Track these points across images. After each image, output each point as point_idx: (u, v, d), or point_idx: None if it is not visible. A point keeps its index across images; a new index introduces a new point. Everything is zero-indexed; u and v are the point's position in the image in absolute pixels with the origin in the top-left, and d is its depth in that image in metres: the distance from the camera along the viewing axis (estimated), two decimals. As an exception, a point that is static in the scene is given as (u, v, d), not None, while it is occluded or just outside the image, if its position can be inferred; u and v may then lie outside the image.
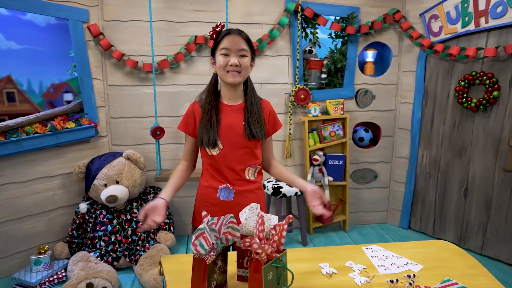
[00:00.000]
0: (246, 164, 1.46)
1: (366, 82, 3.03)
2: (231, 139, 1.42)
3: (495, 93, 2.47)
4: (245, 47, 1.36)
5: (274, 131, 1.53)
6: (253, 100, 1.44)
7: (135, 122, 2.76)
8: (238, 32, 1.37)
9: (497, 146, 2.55)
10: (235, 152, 1.42)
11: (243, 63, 1.36)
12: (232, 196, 1.45)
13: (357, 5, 2.86)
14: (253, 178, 1.49)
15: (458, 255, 1.38)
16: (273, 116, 1.51)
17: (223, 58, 1.35)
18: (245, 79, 1.42)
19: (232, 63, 1.33)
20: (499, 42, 2.44)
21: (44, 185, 2.45)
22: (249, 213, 1.09)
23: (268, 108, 1.50)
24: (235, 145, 1.42)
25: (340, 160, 2.96)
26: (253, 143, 1.43)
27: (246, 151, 1.44)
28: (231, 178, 1.45)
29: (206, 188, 1.50)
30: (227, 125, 1.42)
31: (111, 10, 2.58)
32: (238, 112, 1.44)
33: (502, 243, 2.59)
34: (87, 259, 2.32)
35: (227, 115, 1.43)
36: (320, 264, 1.27)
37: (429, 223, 3.04)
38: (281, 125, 1.56)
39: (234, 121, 1.42)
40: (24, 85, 2.63)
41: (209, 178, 1.49)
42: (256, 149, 1.47)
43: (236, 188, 1.45)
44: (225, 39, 1.36)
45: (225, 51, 1.35)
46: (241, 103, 1.45)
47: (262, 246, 0.92)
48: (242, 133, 1.41)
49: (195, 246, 0.96)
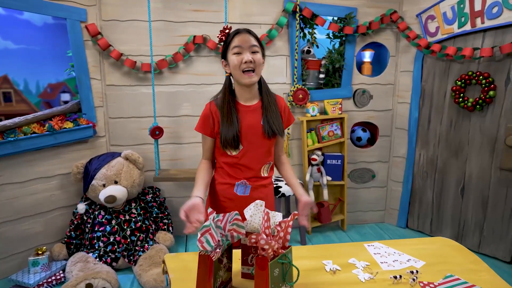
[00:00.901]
0: (264, 162, 1.51)
1: (363, 82, 3.05)
2: (251, 139, 1.44)
3: (491, 92, 2.50)
4: (256, 43, 1.39)
5: (288, 125, 1.57)
6: (269, 98, 1.47)
7: (133, 122, 2.75)
8: (247, 31, 1.40)
9: (493, 145, 2.57)
10: (255, 152, 1.46)
11: (257, 59, 1.38)
12: (248, 191, 1.50)
13: (354, 5, 2.88)
14: (266, 175, 1.54)
15: (459, 251, 1.39)
16: (287, 111, 1.55)
17: (237, 56, 1.37)
18: (259, 77, 1.44)
19: (246, 60, 1.35)
20: (495, 42, 2.47)
21: (42, 185, 2.43)
22: (254, 210, 1.09)
23: (283, 103, 1.53)
24: (255, 145, 1.45)
25: (338, 159, 2.97)
26: (272, 141, 1.48)
27: (264, 150, 1.48)
28: (248, 176, 1.49)
29: (223, 184, 1.53)
30: (246, 125, 1.44)
31: (109, 10, 2.57)
32: (256, 112, 1.46)
33: (498, 241, 2.62)
34: (86, 260, 2.30)
35: (246, 115, 1.45)
36: (324, 261, 1.28)
37: (426, 222, 3.06)
38: (294, 119, 1.61)
39: (253, 121, 1.45)
40: (21, 85, 2.61)
41: (226, 176, 1.52)
42: (272, 146, 1.52)
43: (252, 184, 1.50)
44: (235, 38, 1.38)
45: (238, 49, 1.37)
46: (257, 103, 1.47)
47: (269, 242, 0.93)
48: (262, 133, 1.44)
49: (201, 242, 0.96)
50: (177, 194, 2.93)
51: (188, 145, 2.83)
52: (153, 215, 2.71)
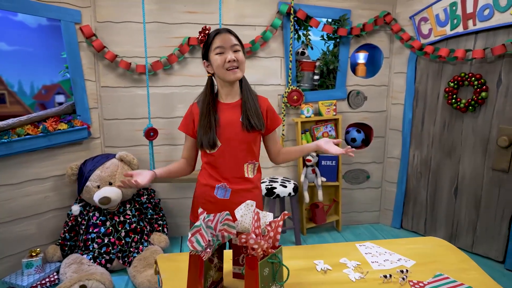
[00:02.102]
0: (244, 160, 1.49)
1: (358, 84, 3.07)
2: (229, 135, 1.45)
3: (483, 93, 2.53)
4: (237, 42, 1.42)
5: (275, 126, 1.57)
6: (248, 94, 1.48)
7: (128, 124, 2.75)
8: (227, 30, 1.43)
9: (485, 145, 2.60)
10: (233, 149, 1.46)
11: (239, 57, 1.40)
12: (228, 194, 1.49)
13: (348, 7, 2.90)
14: (251, 176, 1.52)
15: (450, 250, 1.41)
16: (271, 112, 1.54)
17: (220, 56, 1.39)
18: (243, 74, 1.46)
19: (230, 59, 1.37)
20: (486, 44, 2.50)
21: (36, 187, 2.42)
22: (244, 210, 1.10)
23: (265, 104, 1.53)
24: (234, 141, 1.45)
25: (333, 160, 2.99)
26: (252, 136, 1.47)
27: (244, 147, 1.47)
28: (230, 176, 1.48)
29: (204, 186, 1.53)
30: (225, 122, 1.46)
31: (104, 11, 2.58)
32: (235, 108, 1.47)
33: (491, 241, 2.64)
34: (80, 262, 2.30)
35: (225, 112, 1.47)
36: (315, 261, 1.29)
37: (420, 222, 3.08)
38: (281, 120, 1.61)
39: (232, 117, 1.46)
40: (15, 87, 2.60)
41: (207, 177, 1.52)
42: (254, 144, 1.50)
43: (233, 187, 1.48)
44: (216, 39, 1.40)
45: (220, 50, 1.39)
46: (238, 100, 1.49)
47: (258, 242, 0.93)
48: (240, 128, 1.44)
49: (192, 242, 0.97)
50: (172, 196, 2.93)
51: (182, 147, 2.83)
52: (148, 217, 2.71)
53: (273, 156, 1.63)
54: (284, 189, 2.69)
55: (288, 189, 2.70)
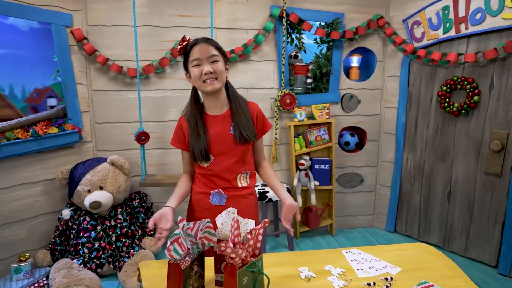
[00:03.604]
0: (237, 172, 1.47)
1: (351, 87, 3.06)
2: (221, 149, 1.43)
3: (475, 97, 2.52)
4: (215, 53, 1.36)
5: (264, 132, 1.52)
6: (237, 104, 1.44)
7: (120, 127, 2.74)
8: (205, 40, 1.38)
9: (478, 149, 2.59)
10: (226, 162, 1.44)
11: (217, 69, 1.36)
12: (224, 201, 1.48)
13: (341, 11, 2.89)
14: (245, 185, 1.50)
15: (437, 257, 1.39)
16: (261, 118, 1.50)
17: (197, 68, 1.36)
18: (224, 84, 1.42)
19: (206, 71, 1.34)
20: (478, 48, 2.49)
21: (26, 191, 2.40)
22: (225, 217, 1.09)
23: (255, 110, 1.49)
24: (226, 155, 1.43)
25: (326, 164, 2.98)
26: (244, 148, 1.44)
27: (236, 160, 1.44)
28: (223, 186, 1.47)
29: (199, 194, 1.52)
30: (215, 137, 1.42)
31: (95, 15, 2.57)
32: (225, 121, 1.43)
33: (484, 245, 2.63)
34: (70, 267, 2.28)
35: (214, 126, 1.44)
36: (299, 268, 1.28)
37: (414, 226, 3.07)
38: (271, 125, 1.54)
39: (222, 131, 1.42)
40: (6, 90, 2.59)
41: (202, 185, 1.51)
42: (246, 155, 1.47)
43: (228, 193, 1.47)
44: (193, 50, 1.36)
45: (197, 62, 1.35)
46: (226, 111, 1.45)
47: (235, 251, 0.92)
48: (232, 142, 1.41)
49: (169, 251, 0.96)
50: (165, 199, 2.89)
51: (174, 150, 2.82)
52: (140, 221, 2.69)
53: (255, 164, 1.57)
54: (277, 193, 2.68)
55: (281, 193, 2.68)
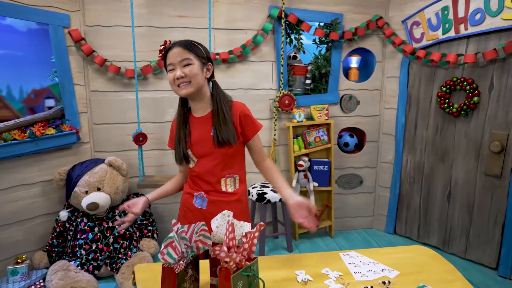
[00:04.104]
0: (220, 175, 1.44)
1: (350, 88, 3.04)
2: (203, 151, 1.42)
3: (475, 98, 2.50)
4: (187, 56, 1.33)
5: (254, 132, 1.46)
6: (219, 106, 1.39)
7: (118, 128, 2.73)
8: (179, 44, 1.35)
9: (478, 150, 2.57)
10: (207, 165, 1.43)
11: (189, 72, 1.33)
12: (205, 204, 1.46)
13: (340, 11, 2.88)
14: (231, 190, 1.46)
15: (435, 260, 1.38)
16: (245, 118, 1.43)
17: (170, 73, 1.36)
18: (199, 88, 1.37)
19: (177, 76, 1.33)
20: (478, 49, 2.48)
21: (23, 192, 2.39)
22: (220, 220, 1.07)
23: (239, 110, 1.42)
24: (207, 158, 1.42)
25: (325, 165, 2.96)
26: (225, 150, 1.40)
27: (218, 162, 1.42)
28: (206, 189, 1.47)
29: (186, 194, 1.53)
30: (197, 138, 1.42)
31: (93, 15, 2.56)
32: (207, 121, 1.42)
33: (484, 247, 2.61)
34: (67, 268, 2.27)
35: (197, 127, 1.44)
36: (296, 272, 1.26)
37: (414, 227, 3.05)
38: (260, 125, 1.48)
39: (204, 132, 1.41)
40: (4, 91, 2.58)
41: (190, 185, 1.52)
42: (231, 158, 1.43)
43: (209, 197, 1.45)
44: (168, 54, 1.37)
45: (171, 67, 1.36)
46: (209, 112, 1.43)
47: (229, 255, 0.91)
48: (212, 144, 1.39)
49: (163, 255, 0.94)
50: (162, 201, 2.90)
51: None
52: (138, 222, 2.68)
53: (256, 165, 1.53)
54: (275, 194, 2.67)
55: (279, 195, 2.67)
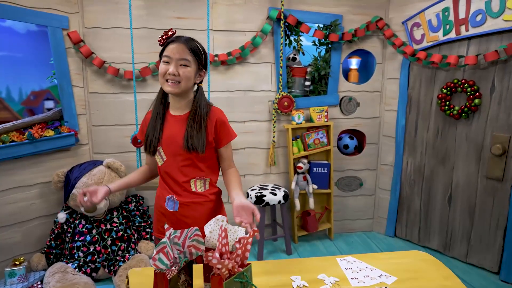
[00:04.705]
0: (190, 176, 1.41)
1: (350, 90, 3.02)
2: (172, 150, 1.39)
3: (476, 100, 2.48)
4: (187, 57, 1.31)
5: (227, 141, 1.43)
6: (197, 110, 1.37)
7: (117, 130, 2.72)
8: (184, 41, 1.33)
9: (479, 153, 2.55)
10: (177, 164, 1.39)
11: (183, 73, 1.31)
12: (177, 207, 1.42)
13: (340, 13, 2.86)
14: (201, 191, 1.43)
15: (433, 266, 1.36)
16: (221, 125, 1.40)
17: (164, 65, 1.32)
18: (185, 90, 1.35)
19: (170, 72, 1.30)
20: (479, 50, 2.46)
21: (21, 194, 2.39)
22: (214, 225, 1.06)
23: (216, 117, 1.39)
24: (177, 157, 1.39)
25: (325, 167, 2.94)
26: (194, 155, 1.37)
27: (188, 163, 1.39)
28: (176, 189, 1.42)
29: (158, 197, 1.50)
30: (168, 136, 1.39)
31: (92, 17, 2.56)
32: (182, 122, 1.39)
33: (485, 251, 2.58)
34: (65, 271, 2.26)
35: (171, 125, 1.40)
36: (292, 277, 1.25)
37: (414, 230, 3.03)
38: (235, 135, 1.45)
39: (176, 132, 1.38)
40: (3, 93, 2.58)
41: (161, 188, 1.48)
42: (200, 162, 1.40)
43: (181, 200, 1.41)
44: (169, 46, 1.32)
45: (166, 59, 1.31)
46: (186, 113, 1.40)
47: (221, 261, 0.89)
48: (182, 145, 1.36)
49: (155, 260, 0.93)
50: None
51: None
52: (136, 224, 2.67)
53: (222, 171, 1.50)
54: (274, 197, 2.65)
55: (278, 197, 2.66)
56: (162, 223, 1.44)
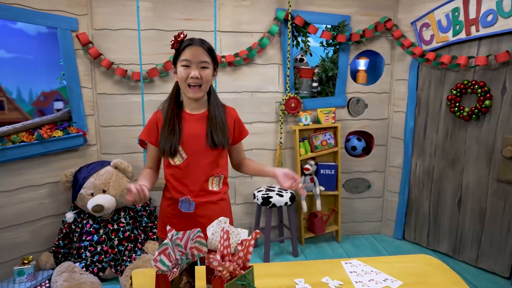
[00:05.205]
0: (210, 174, 1.43)
1: (358, 91, 3.00)
2: (194, 148, 1.40)
3: (487, 102, 2.43)
4: (206, 59, 1.34)
5: (241, 138, 1.51)
6: (216, 108, 1.42)
7: (124, 131, 2.74)
8: (200, 43, 1.35)
9: (490, 155, 2.50)
10: (198, 162, 1.40)
11: (204, 76, 1.34)
12: (192, 208, 1.42)
13: (348, 13, 2.84)
14: (216, 189, 1.46)
15: (440, 270, 1.33)
16: (238, 124, 1.48)
17: (184, 70, 1.33)
18: (206, 93, 1.39)
19: (193, 76, 1.32)
20: (490, 51, 2.41)
21: (31, 194, 2.42)
22: (216, 227, 1.05)
23: (233, 115, 1.47)
24: (199, 155, 1.40)
25: (332, 169, 2.92)
26: (217, 152, 1.41)
27: (210, 161, 1.41)
28: (194, 189, 1.42)
29: (168, 199, 1.48)
30: (189, 134, 1.40)
31: (100, 19, 2.58)
32: (201, 120, 1.41)
33: (496, 255, 2.53)
34: (72, 270, 2.28)
35: (190, 124, 1.41)
36: (295, 280, 1.23)
37: (423, 234, 2.98)
38: (247, 132, 1.53)
39: (197, 130, 1.40)
40: (14, 93, 2.62)
41: (172, 190, 1.46)
42: (220, 158, 1.44)
43: (197, 200, 1.42)
44: (186, 50, 1.33)
45: (186, 63, 1.33)
46: (204, 112, 1.43)
47: (222, 264, 0.89)
48: (205, 142, 1.39)
49: (156, 262, 0.93)
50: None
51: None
52: (143, 225, 2.68)
53: (235, 165, 1.58)
54: (281, 198, 2.64)
55: (285, 199, 2.64)
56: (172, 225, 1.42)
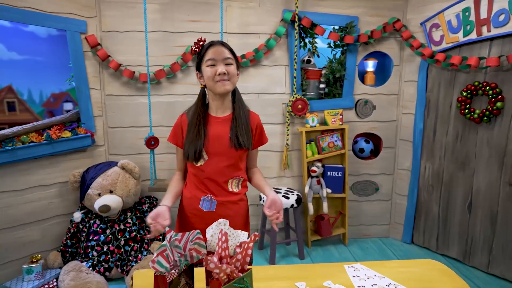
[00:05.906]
0: (230, 176, 1.47)
1: (366, 92, 2.96)
2: (217, 149, 1.43)
3: (498, 104, 2.38)
4: (229, 56, 1.40)
5: (261, 144, 1.55)
6: (240, 110, 1.47)
7: (132, 132, 2.77)
8: (221, 43, 1.42)
9: (501, 159, 2.44)
10: (220, 164, 1.44)
11: (230, 71, 1.39)
12: (214, 206, 1.46)
13: (356, 14, 2.81)
14: (236, 190, 1.50)
15: (446, 276, 1.30)
16: (260, 130, 1.53)
17: (211, 68, 1.38)
18: (234, 87, 1.44)
19: (220, 72, 1.36)
20: (502, 51, 2.36)
21: (40, 193, 2.46)
22: (215, 229, 1.05)
23: (256, 120, 1.52)
24: (221, 156, 1.44)
25: (339, 171, 2.89)
26: (239, 153, 1.45)
27: (231, 163, 1.45)
28: (214, 189, 1.46)
29: (189, 198, 1.51)
30: (213, 136, 1.44)
31: (108, 21, 2.61)
32: (226, 123, 1.45)
33: (508, 261, 2.46)
34: (79, 269, 2.31)
35: (214, 126, 1.45)
36: (297, 283, 1.22)
37: (432, 238, 2.92)
38: (267, 140, 1.58)
39: (221, 132, 1.44)
40: (25, 95, 2.67)
41: (193, 189, 1.50)
42: (240, 160, 1.49)
43: (219, 199, 1.46)
44: (209, 50, 1.39)
45: (211, 62, 1.38)
46: (228, 114, 1.47)
47: (219, 266, 0.88)
48: (228, 144, 1.42)
49: (154, 263, 0.93)
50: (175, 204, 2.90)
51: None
52: (149, 225, 2.70)
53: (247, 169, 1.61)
54: (287, 200, 2.62)
55: (291, 201, 2.63)
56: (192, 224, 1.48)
